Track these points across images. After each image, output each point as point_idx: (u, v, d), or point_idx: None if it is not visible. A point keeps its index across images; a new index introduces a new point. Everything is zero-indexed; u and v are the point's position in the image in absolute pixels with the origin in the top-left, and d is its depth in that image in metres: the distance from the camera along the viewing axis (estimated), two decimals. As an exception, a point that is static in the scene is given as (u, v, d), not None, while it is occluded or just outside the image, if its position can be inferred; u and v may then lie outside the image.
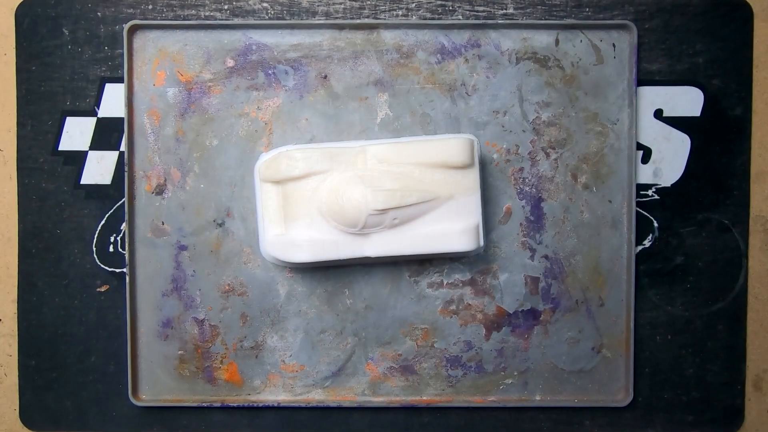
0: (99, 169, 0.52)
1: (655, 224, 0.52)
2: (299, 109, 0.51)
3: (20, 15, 0.51)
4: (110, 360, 0.52)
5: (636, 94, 0.51)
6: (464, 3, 0.51)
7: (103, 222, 0.52)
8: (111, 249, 0.52)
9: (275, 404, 0.52)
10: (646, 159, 0.52)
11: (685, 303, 0.52)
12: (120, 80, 0.51)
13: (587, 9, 0.51)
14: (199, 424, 0.52)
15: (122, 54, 0.51)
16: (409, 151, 0.47)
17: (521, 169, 0.51)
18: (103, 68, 0.51)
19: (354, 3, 0.51)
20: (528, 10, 0.51)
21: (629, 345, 0.51)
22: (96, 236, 0.52)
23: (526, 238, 0.51)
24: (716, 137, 0.52)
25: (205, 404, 0.52)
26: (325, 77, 0.51)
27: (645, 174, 0.52)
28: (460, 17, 0.51)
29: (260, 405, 0.52)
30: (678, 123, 0.52)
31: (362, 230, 0.47)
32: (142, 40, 0.51)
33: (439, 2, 0.51)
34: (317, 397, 0.52)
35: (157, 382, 0.52)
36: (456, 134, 0.50)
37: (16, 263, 0.52)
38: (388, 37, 0.51)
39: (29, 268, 0.52)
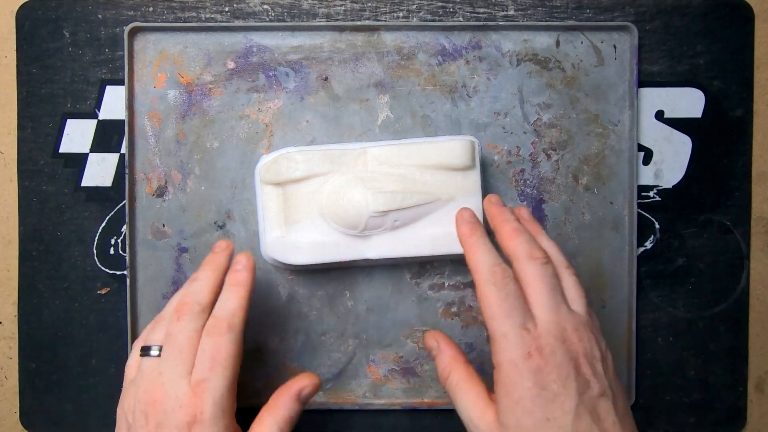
0: (99, 172, 0.52)
1: (657, 226, 0.52)
2: (300, 111, 0.51)
3: (21, 17, 0.51)
4: (111, 362, 0.52)
5: (637, 95, 0.51)
6: (465, 4, 0.51)
7: (103, 224, 0.52)
8: (111, 251, 0.52)
9: (276, 407, 0.52)
10: (647, 160, 0.52)
11: (686, 305, 0.52)
12: (120, 82, 0.51)
13: (588, 10, 0.51)
14: (200, 426, 0.52)
15: (123, 56, 0.51)
16: (409, 153, 0.47)
17: (522, 171, 0.51)
18: (104, 70, 0.51)
19: (354, 5, 0.51)
20: (529, 12, 0.51)
21: (631, 347, 0.51)
22: (96, 238, 0.52)
23: (527, 240, 0.51)
24: (717, 138, 0.52)
25: (205, 407, 0.51)
26: (326, 79, 0.51)
27: (646, 175, 0.52)
28: (461, 19, 0.51)
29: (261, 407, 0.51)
30: (679, 124, 0.52)
31: (363, 232, 0.47)
32: (142, 42, 0.51)
33: (439, 4, 0.51)
34: (318, 399, 0.52)
35: (157, 385, 0.52)
36: (457, 136, 0.50)
37: (17, 266, 0.52)
38: (389, 38, 0.51)
39: (30, 270, 0.52)
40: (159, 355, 0.40)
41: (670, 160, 0.52)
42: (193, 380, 0.38)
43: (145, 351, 0.40)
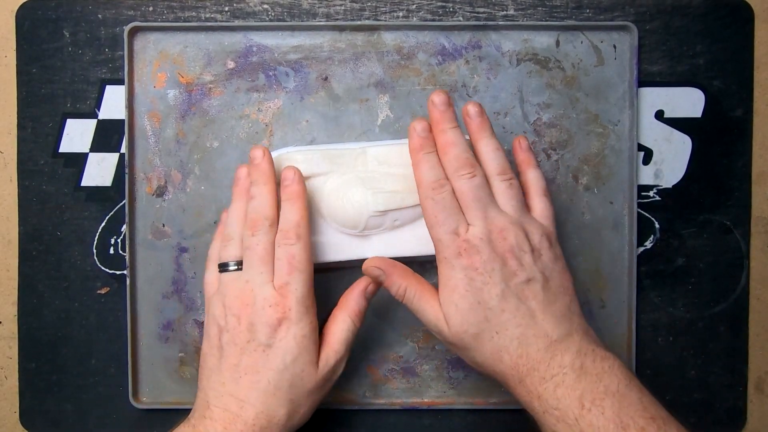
0: (99, 171, 0.52)
1: (657, 225, 0.52)
2: (300, 111, 0.51)
3: (21, 17, 0.51)
4: (111, 362, 0.52)
5: (637, 95, 0.51)
6: (465, 4, 0.51)
7: (103, 224, 0.52)
8: (111, 251, 0.52)
9: (276, 406, 0.51)
10: (647, 160, 0.52)
11: (686, 304, 0.52)
12: (120, 82, 0.51)
13: (588, 10, 0.51)
14: (200, 426, 0.52)
15: (123, 56, 0.51)
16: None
17: (522, 171, 0.51)
18: (104, 70, 0.51)
19: (354, 4, 0.51)
20: (528, 12, 0.51)
21: (631, 347, 0.51)
22: (96, 238, 0.52)
23: (527, 240, 0.51)
24: (717, 138, 0.52)
25: (205, 406, 0.51)
26: (326, 79, 0.51)
27: (646, 175, 0.52)
28: (461, 18, 0.51)
29: (261, 407, 0.51)
30: (679, 124, 0.52)
31: (363, 232, 0.47)
32: (142, 42, 0.51)
33: (439, 3, 0.51)
34: (318, 399, 0.52)
35: (157, 385, 0.52)
36: (457, 136, 0.50)
37: (17, 265, 0.52)
38: (389, 38, 0.51)
39: (30, 270, 0.52)
40: (237, 269, 0.44)
41: (670, 160, 0.52)
42: (277, 284, 0.43)
43: (224, 267, 0.45)
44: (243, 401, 0.42)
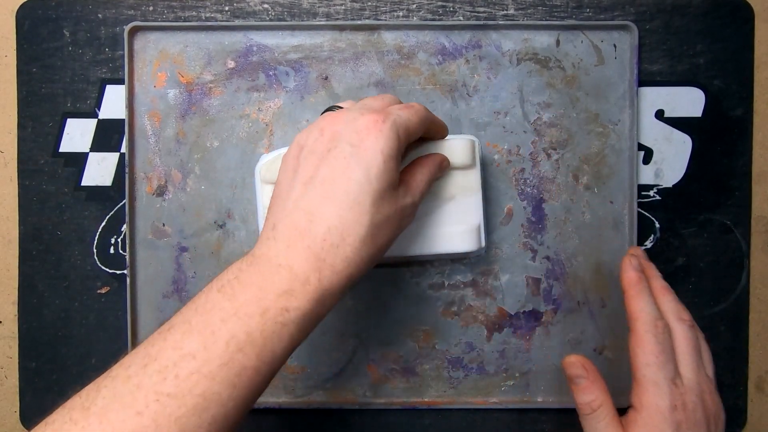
0: (99, 171, 0.52)
1: (657, 225, 0.52)
2: (300, 111, 0.51)
3: (21, 17, 0.51)
4: (111, 362, 0.52)
5: (637, 94, 0.51)
6: (465, 4, 0.51)
7: (103, 224, 0.52)
8: (112, 251, 0.52)
9: (276, 406, 0.52)
10: (647, 160, 0.52)
11: (686, 304, 0.52)
12: (121, 82, 0.51)
13: (588, 10, 0.51)
14: (200, 426, 0.52)
15: (123, 56, 0.51)
16: (410, 152, 0.47)
17: (522, 170, 0.51)
18: (104, 70, 0.51)
19: (355, 4, 0.51)
20: (529, 11, 0.51)
21: (631, 346, 0.51)
22: (96, 238, 0.52)
23: (527, 239, 0.51)
24: (717, 138, 0.52)
25: (205, 406, 0.51)
26: (326, 78, 0.51)
27: (646, 175, 0.52)
28: (461, 18, 0.51)
29: (261, 407, 0.51)
30: (679, 123, 0.52)
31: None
32: (142, 41, 0.51)
33: (439, 3, 0.51)
34: (318, 398, 0.52)
35: (157, 384, 0.52)
36: (457, 135, 0.50)
37: (17, 265, 0.52)
38: (389, 38, 0.51)
39: (30, 269, 0.52)
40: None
41: (671, 160, 0.52)
42: (378, 106, 0.40)
43: (324, 111, 0.41)
44: (314, 214, 0.36)
